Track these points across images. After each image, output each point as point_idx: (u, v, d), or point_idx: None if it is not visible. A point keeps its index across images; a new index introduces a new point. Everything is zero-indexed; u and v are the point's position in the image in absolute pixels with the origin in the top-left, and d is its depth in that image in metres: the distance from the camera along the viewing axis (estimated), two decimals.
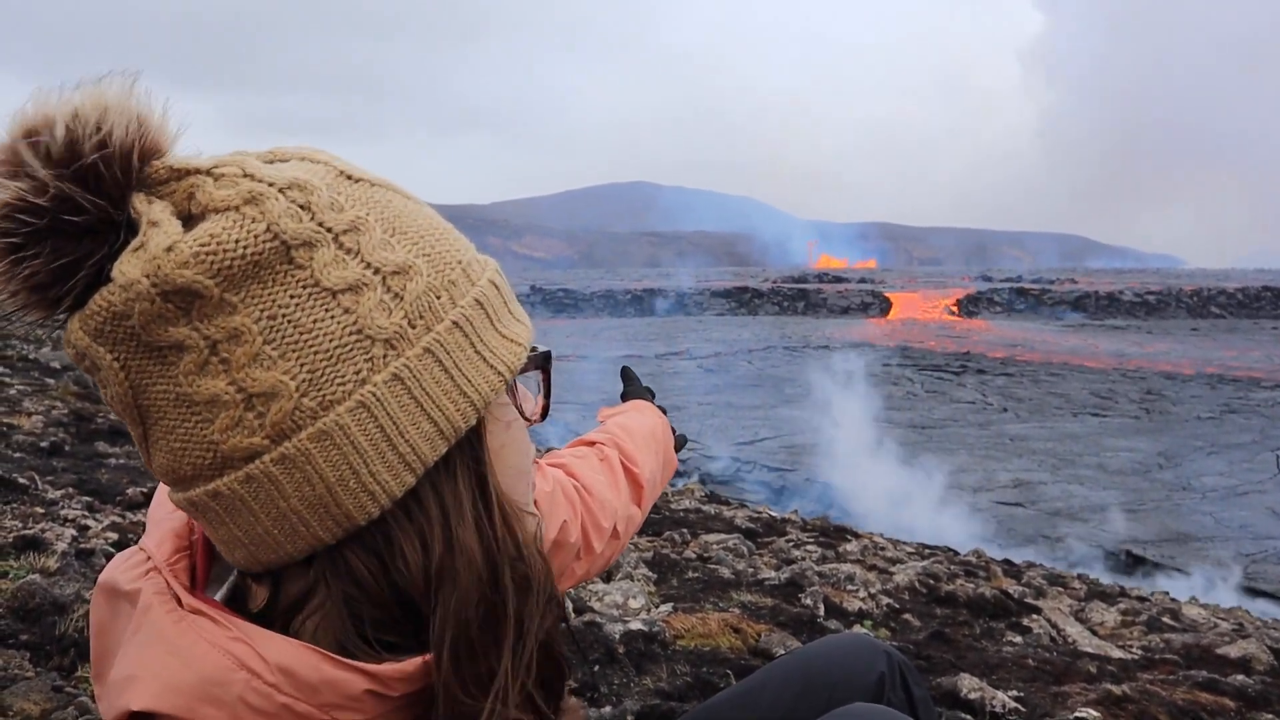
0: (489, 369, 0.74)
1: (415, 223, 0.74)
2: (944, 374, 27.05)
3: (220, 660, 0.65)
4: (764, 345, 34.80)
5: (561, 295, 58.16)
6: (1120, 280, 65.90)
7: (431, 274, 0.72)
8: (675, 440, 1.51)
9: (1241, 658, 3.91)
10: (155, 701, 0.64)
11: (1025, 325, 45.41)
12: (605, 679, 2.60)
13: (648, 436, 1.38)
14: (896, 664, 1.21)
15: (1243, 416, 20.20)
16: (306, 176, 0.69)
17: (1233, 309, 51.35)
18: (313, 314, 0.66)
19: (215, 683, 0.64)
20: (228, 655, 0.65)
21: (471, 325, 0.73)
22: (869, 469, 15.23)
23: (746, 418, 19.58)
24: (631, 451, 1.31)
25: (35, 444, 4.86)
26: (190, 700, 0.64)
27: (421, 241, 0.73)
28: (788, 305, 55.37)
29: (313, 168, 0.71)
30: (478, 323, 0.74)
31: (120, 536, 3.27)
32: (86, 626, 2.20)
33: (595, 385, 24.38)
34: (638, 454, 1.32)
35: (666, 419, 1.50)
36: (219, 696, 0.64)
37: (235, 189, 0.66)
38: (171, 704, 0.64)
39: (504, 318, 0.77)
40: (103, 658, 0.74)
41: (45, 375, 7.57)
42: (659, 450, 1.40)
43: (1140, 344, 36.23)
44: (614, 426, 1.37)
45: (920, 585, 4.70)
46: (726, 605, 3.61)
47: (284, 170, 0.69)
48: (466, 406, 0.71)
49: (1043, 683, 3.10)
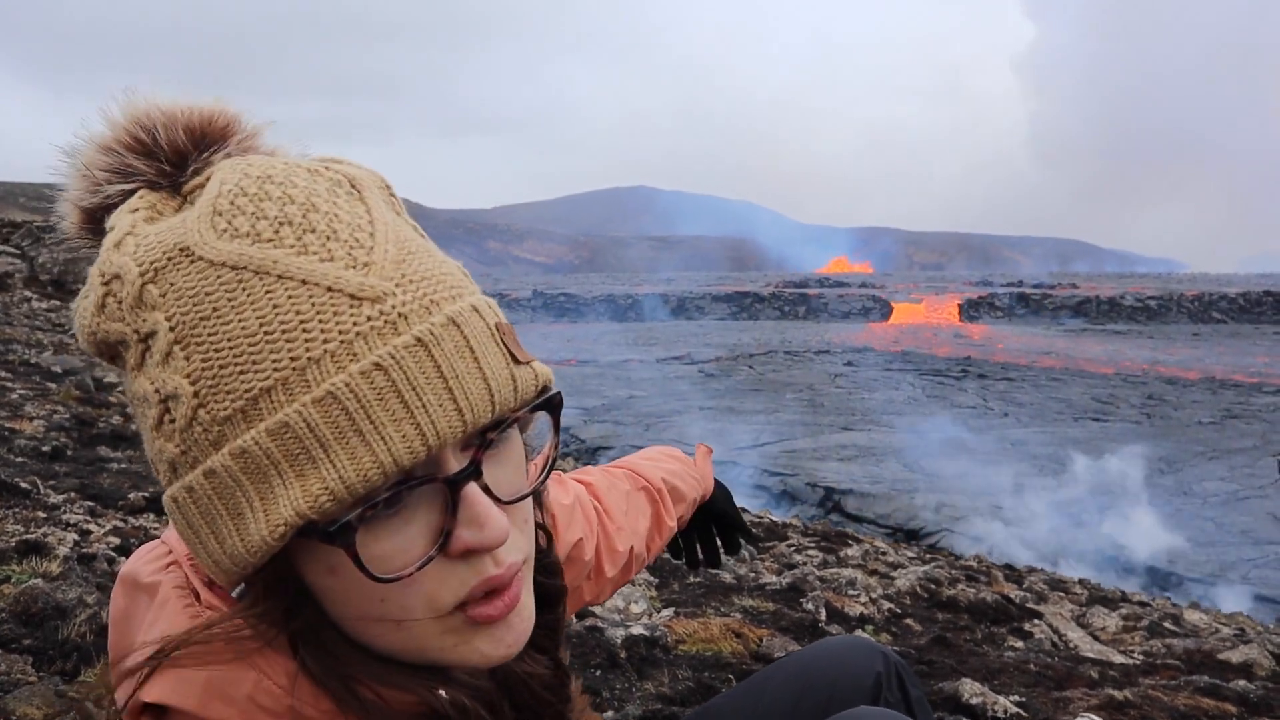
0: (249, 529, 0.62)
1: (226, 328, 0.62)
2: (945, 378, 27.03)
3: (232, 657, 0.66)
4: (765, 349, 34.81)
5: (563, 300, 58.20)
6: (1121, 285, 65.89)
7: (205, 402, 0.62)
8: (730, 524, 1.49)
9: (1243, 663, 3.91)
10: (167, 695, 0.65)
11: (1026, 330, 45.38)
12: (607, 684, 2.60)
13: (690, 505, 1.38)
14: (893, 665, 1.22)
15: (1244, 422, 20.18)
16: (123, 265, 0.65)
17: (1234, 314, 51.35)
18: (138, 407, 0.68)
19: (226, 680, 0.65)
20: (240, 653, 0.66)
21: (231, 477, 0.62)
22: (871, 474, 15.22)
23: (748, 422, 19.58)
24: (673, 505, 1.31)
25: (37, 448, 4.87)
26: (201, 696, 0.65)
27: (215, 357, 0.62)
28: (789, 310, 55.41)
29: (178, 232, 0.66)
30: (242, 473, 0.61)
31: (122, 541, 3.27)
32: (89, 631, 2.21)
33: (595, 389, 24.39)
34: (677, 509, 1.32)
35: (731, 513, 1.49)
36: (229, 694, 0.65)
37: (96, 269, 0.69)
38: (182, 698, 0.65)
39: (305, 463, 0.60)
40: (120, 648, 0.75)
41: (47, 380, 7.58)
42: (686, 517, 1.39)
43: (1141, 349, 36.21)
44: (676, 481, 1.33)
45: (921, 590, 4.70)
46: (728, 610, 3.61)
47: (133, 246, 0.66)
48: (225, 561, 0.64)
49: (1044, 688, 3.10)
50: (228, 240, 0.64)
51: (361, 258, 0.64)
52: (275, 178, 0.68)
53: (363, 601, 0.65)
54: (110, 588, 2.50)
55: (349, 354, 0.61)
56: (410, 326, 0.62)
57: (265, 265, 0.63)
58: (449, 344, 0.63)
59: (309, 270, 0.62)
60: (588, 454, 16.49)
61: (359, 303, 0.62)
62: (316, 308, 0.61)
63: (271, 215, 0.65)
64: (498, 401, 0.65)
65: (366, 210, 0.68)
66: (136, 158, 0.71)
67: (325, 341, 0.61)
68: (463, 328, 0.65)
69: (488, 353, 0.65)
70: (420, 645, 0.67)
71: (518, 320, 52.96)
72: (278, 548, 0.62)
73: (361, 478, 0.60)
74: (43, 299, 14.29)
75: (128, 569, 0.77)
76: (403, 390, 0.61)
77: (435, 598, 0.65)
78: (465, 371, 0.63)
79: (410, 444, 0.60)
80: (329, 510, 0.60)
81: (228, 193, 0.67)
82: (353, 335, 0.61)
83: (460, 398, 0.63)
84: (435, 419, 0.61)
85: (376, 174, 0.75)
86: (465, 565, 0.65)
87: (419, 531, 0.64)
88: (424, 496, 0.64)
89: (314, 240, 0.64)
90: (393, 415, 0.60)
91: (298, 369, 0.61)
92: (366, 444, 0.60)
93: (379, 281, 0.63)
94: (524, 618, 0.71)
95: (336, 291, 0.62)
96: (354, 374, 0.60)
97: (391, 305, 0.63)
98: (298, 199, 0.66)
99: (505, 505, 0.67)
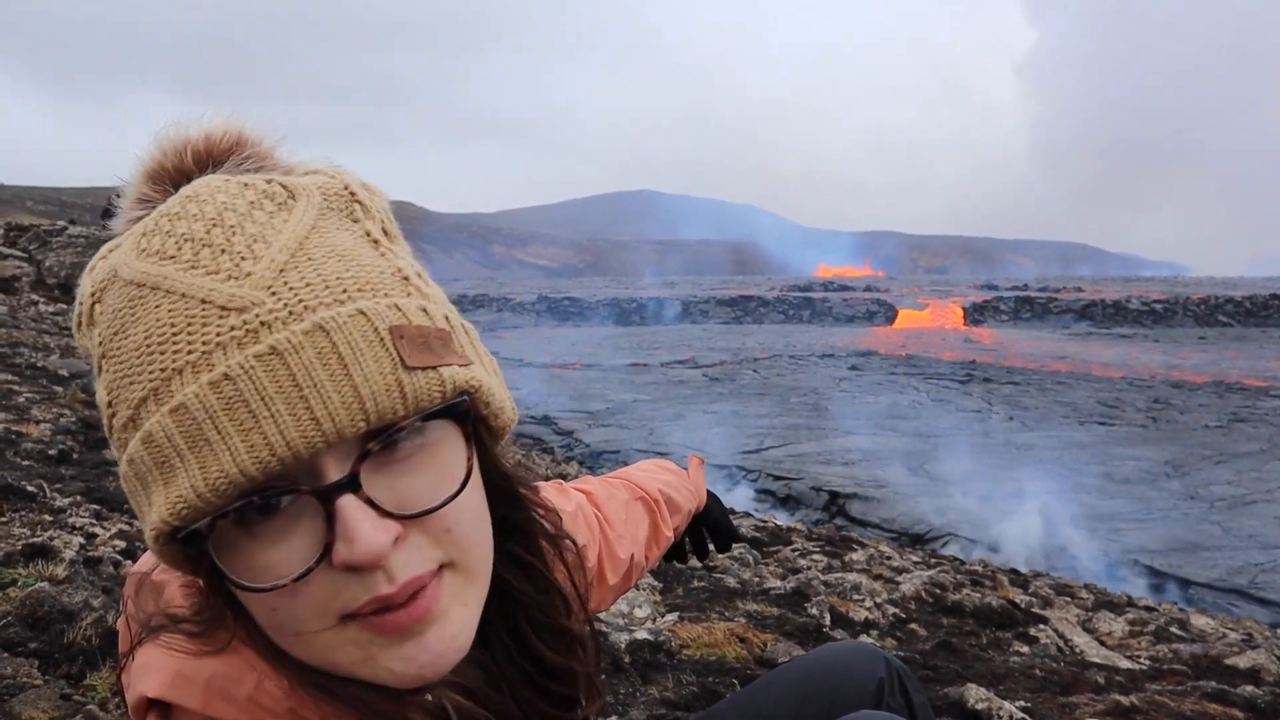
0: (145, 530, 0.66)
1: (126, 342, 0.66)
2: (950, 383, 26.99)
3: (234, 658, 0.67)
4: (769, 354, 34.78)
5: (567, 304, 58.25)
6: (1126, 288, 65.77)
7: (115, 411, 0.67)
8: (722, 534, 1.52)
9: (1251, 668, 3.89)
10: (169, 691, 0.66)
11: (1031, 334, 45.30)
12: (611, 689, 2.59)
13: (685, 516, 1.40)
14: (895, 670, 1.23)
15: (1251, 425, 20.10)
16: (85, 287, 0.72)
17: (1240, 317, 51.18)
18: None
19: (227, 679, 0.66)
20: (240, 653, 0.67)
21: (130, 482, 0.67)
22: (875, 478, 15.19)
23: (752, 426, 19.55)
24: (670, 515, 1.33)
25: (43, 452, 4.88)
26: (203, 694, 0.66)
27: (118, 369, 0.66)
28: (793, 314, 55.37)
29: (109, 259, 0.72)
30: (135, 477, 0.66)
31: (128, 545, 3.28)
32: (95, 634, 2.21)
33: (600, 393, 24.39)
34: (673, 519, 1.34)
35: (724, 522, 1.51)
36: (231, 693, 0.66)
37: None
38: (184, 696, 0.66)
39: (168, 471, 0.62)
40: (129, 646, 0.75)
41: (53, 383, 7.60)
42: (681, 527, 1.41)
43: (1147, 352, 36.11)
44: (671, 492, 1.35)
45: (926, 595, 4.69)
46: (732, 615, 3.61)
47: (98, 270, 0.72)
48: (149, 538, 0.66)
49: (1050, 693, 3.09)
50: (143, 259, 0.67)
51: (245, 268, 0.64)
52: (200, 196, 0.69)
53: (259, 609, 0.65)
54: (116, 591, 2.51)
55: (206, 364, 0.62)
56: (269, 335, 0.62)
57: (158, 281, 0.65)
58: (309, 352, 0.62)
59: (189, 284, 0.64)
60: (592, 458, 16.48)
61: (226, 313, 0.63)
62: (188, 319, 0.63)
63: (179, 233, 0.67)
64: (371, 410, 0.62)
65: (285, 220, 0.68)
66: (151, 185, 0.76)
67: (189, 352, 0.62)
68: (332, 333, 0.62)
69: (363, 359, 0.63)
70: (327, 658, 0.66)
71: (520, 325, 52.99)
72: (163, 551, 0.66)
73: (211, 487, 0.60)
74: (50, 302, 14.34)
75: (137, 567, 0.78)
76: (250, 400, 0.60)
77: (324, 608, 0.63)
78: (326, 379, 0.61)
79: (258, 454, 0.60)
80: (188, 517, 0.61)
81: (156, 214, 0.70)
82: (213, 345, 0.62)
83: (318, 407, 0.61)
84: (285, 429, 0.60)
85: (342, 180, 0.75)
86: (355, 579, 0.63)
87: (302, 542, 0.63)
88: (306, 507, 0.63)
89: (207, 254, 0.65)
90: (240, 425, 0.60)
91: (165, 379, 0.62)
92: (214, 454, 0.60)
93: (251, 291, 0.63)
94: (445, 636, 0.67)
95: (208, 303, 0.63)
96: (203, 385, 0.61)
97: (256, 315, 0.62)
98: (207, 215, 0.67)
99: (405, 518, 0.64)
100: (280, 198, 0.70)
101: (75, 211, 49.12)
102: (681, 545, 1.49)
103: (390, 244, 0.73)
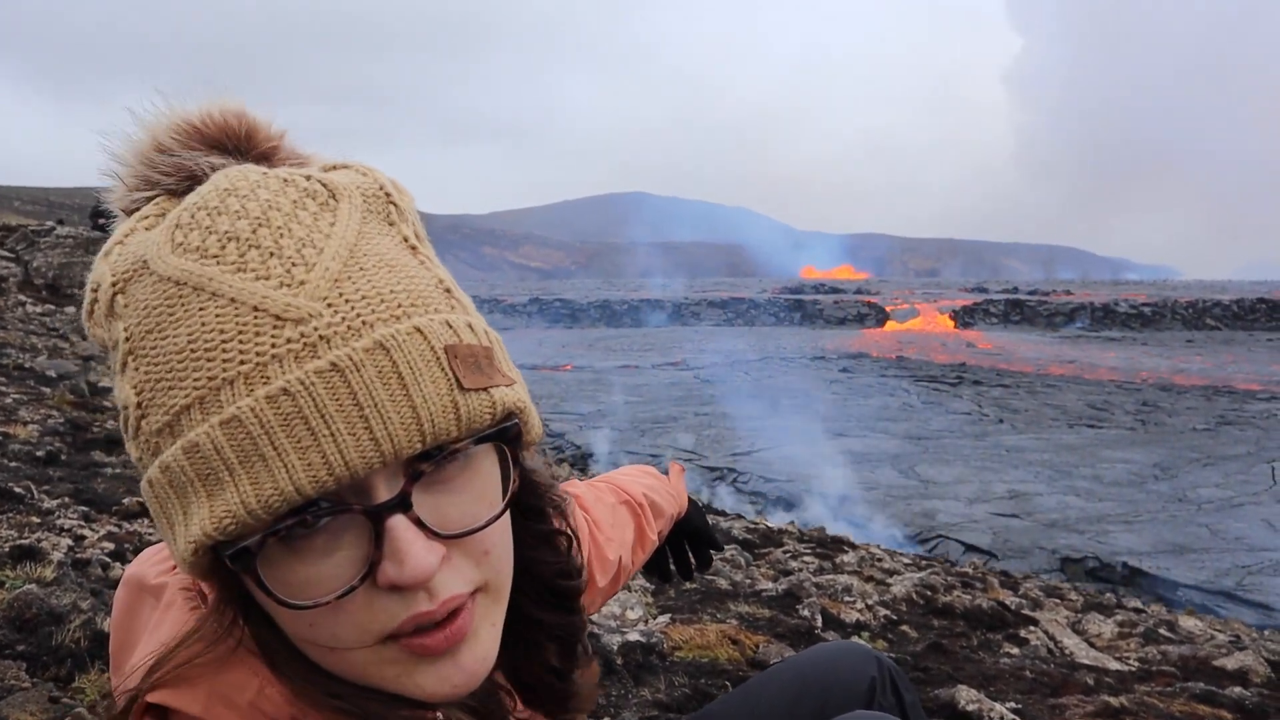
0: (178, 540, 0.63)
1: (164, 343, 0.63)
2: (940, 385, 27.08)
3: (237, 664, 0.67)
4: (761, 356, 34.83)
5: (559, 305, 58.21)
6: (1116, 291, 66.12)
7: (146, 413, 0.64)
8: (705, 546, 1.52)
9: (1239, 670, 3.91)
10: (171, 698, 0.66)
11: (1021, 336, 45.50)
12: (603, 691, 2.59)
13: (669, 520, 1.40)
14: (887, 669, 1.24)
15: (1238, 428, 20.23)
16: (103, 274, 0.68)
17: (1228, 321, 51.54)
18: None
19: (230, 685, 0.66)
20: (244, 660, 0.67)
21: (162, 488, 0.63)
22: (865, 480, 15.23)
23: (743, 428, 19.57)
24: (654, 519, 1.33)
25: (31, 453, 4.85)
26: (206, 701, 0.65)
27: (153, 371, 0.63)
28: (784, 316, 55.47)
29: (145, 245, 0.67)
30: (169, 486, 0.63)
31: (117, 547, 3.26)
32: (84, 637, 2.20)
33: (592, 396, 24.38)
34: (657, 523, 1.35)
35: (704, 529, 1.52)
36: (233, 700, 0.66)
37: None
38: (187, 702, 0.65)
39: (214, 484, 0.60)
40: (122, 650, 0.75)
41: (41, 384, 7.55)
42: (664, 532, 1.41)
43: (1136, 355, 36.31)
44: (655, 496, 1.36)
45: (917, 596, 4.70)
46: (724, 616, 3.61)
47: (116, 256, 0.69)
48: (184, 550, 0.63)
49: (1040, 695, 3.10)
50: (179, 255, 0.64)
51: (299, 275, 0.62)
52: (239, 190, 0.66)
53: (294, 623, 0.64)
54: (104, 593, 2.50)
55: (261, 377, 0.59)
56: (330, 350, 0.60)
57: (203, 282, 0.62)
58: (370, 370, 0.60)
59: (240, 288, 0.62)
60: (582, 460, 16.47)
61: (282, 324, 0.61)
62: (239, 327, 0.60)
63: (222, 230, 0.64)
64: (428, 431, 0.61)
65: (331, 223, 0.66)
66: (155, 168, 0.72)
67: (241, 363, 0.60)
68: (392, 352, 0.61)
69: (422, 379, 0.62)
70: (360, 673, 0.65)
71: (512, 326, 52.93)
72: (198, 563, 0.62)
73: (262, 504, 0.58)
74: (37, 303, 14.25)
75: (133, 570, 0.77)
76: (310, 417, 0.59)
77: (364, 627, 0.63)
78: (386, 399, 0.60)
79: (315, 473, 0.58)
80: (233, 533, 0.60)
81: (192, 205, 0.67)
82: (268, 358, 0.60)
83: (378, 427, 0.60)
84: (344, 448, 0.59)
85: (377, 180, 0.73)
86: (396, 597, 0.62)
87: (346, 559, 0.62)
88: (351, 525, 0.62)
89: (255, 257, 0.63)
90: (297, 443, 0.59)
91: (213, 389, 0.60)
92: (269, 470, 0.59)
93: (307, 302, 0.61)
94: (477, 656, 0.67)
95: (262, 311, 0.61)
96: (259, 399, 0.59)
97: (314, 327, 0.61)
98: (252, 213, 0.65)
99: (450, 539, 0.64)
100: (322, 197, 0.68)
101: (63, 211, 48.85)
102: (664, 559, 1.49)
103: (424, 249, 0.73)
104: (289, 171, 0.70)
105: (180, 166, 0.72)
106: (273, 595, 0.61)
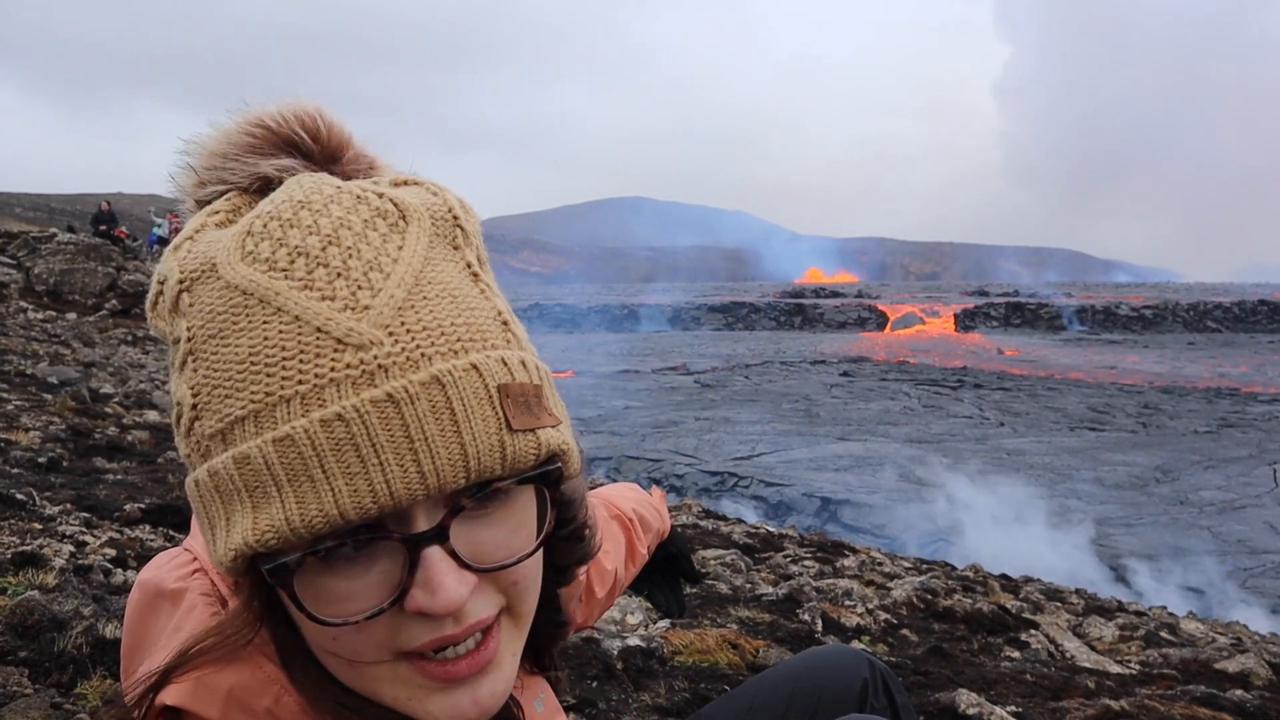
0: (218, 544, 0.64)
1: (225, 350, 0.64)
2: (941, 388, 27.06)
3: (255, 671, 0.68)
4: (761, 360, 34.82)
5: (559, 310, 58.21)
6: (1117, 294, 66.13)
7: (200, 415, 0.64)
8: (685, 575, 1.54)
9: (1240, 672, 3.91)
10: (188, 700, 0.66)
11: (1022, 340, 45.48)
12: (603, 695, 2.59)
13: (655, 535, 1.42)
14: (879, 672, 1.26)
15: (1239, 430, 20.22)
16: (171, 269, 0.69)
17: (1229, 323, 51.51)
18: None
19: (248, 691, 0.67)
20: (261, 666, 0.68)
21: (209, 491, 0.64)
22: (867, 484, 15.22)
23: (743, 433, 19.57)
24: (643, 535, 1.35)
25: (33, 460, 4.85)
26: (223, 705, 0.66)
27: (211, 376, 0.64)
28: (784, 320, 55.46)
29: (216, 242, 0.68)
30: (215, 490, 0.63)
31: (118, 553, 3.26)
32: (86, 643, 2.20)
33: (592, 400, 24.37)
34: (646, 538, 1.37)
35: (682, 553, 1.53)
36: (250, 705, 0.67)
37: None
38: (205, 706, 0.66)
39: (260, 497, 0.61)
40: (134, 653, 0.75)
41: (43, 391, 7.56)
42: (652, 546, 1.43)
43: (1137, 358, 36.30)
44: (643, 511, 1.38)
45: (918, 600, 4.70)
46: (724, 621, 3.61)
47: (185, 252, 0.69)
48: (224, 555, 0.64)
49: (1041, 698, 3.10)
50: (248, 264, 0.65)
51: (364, 300, 0.63)
52: (313, 204, 0.67)
53: (318, 634, 0.65)
54: (106, 600, 2.50)
55: (318, 399, 0.60)
56: (387, 380, 0.61)
57: (269, 295, 0.63)
58: (424, 404, 0.61)
59: (305, 307, 0.62)
60: (584, 465, 16.44)
61: (342, 348, 0.61)
62: (301, 346, 0.61)
63: (292, 244, 0.65)
64: (474, 468, 0.62)
65: (399, 246, 0.67)
66: (227, 161, 0.74)
67: (300, 383, 0.61)
68: (448, 388, 0.62)
69: (473, 416, 0.63)
70: (374, 690, 0.67)
71: None
72: (235, 567, 0.63)
73: (306, 524, 0.60)
74: (39, 309, 14.26)
75: (149, 575, 0.77)
76: (361, 445, 0.60)
77: (385, 646, 0.65)
78: (437, 434, 0.61)
79: (359, 499, 0.60)
80: (274, 546, 0.61)
81: (265, 214, 0.68)
82: (326, 380, 0.61)
83: (425, 460, 0.61)
84: (391, 479, 0.60)
85: (446, 202, 0.73)
86: (422, 621, 0.64)
87: (378, 582, 0.63)
88: (387, 549, 0.63)
89: (322, 275, 0.64)
90: (346, 468, 0.60)
91: (270, 404, 0.61)
92: (316, 492, 0.60)
93: (369, 329, 0.62)
94: (495, 690, 0.68)
95: (324, 333, 0.62)
96: (314, 421, 0.60)
97: (374, 355, 0.61)
98: (323, 229, 0.66)
99: (485, 572, 0.66)
100: (392, 218, 0.68)
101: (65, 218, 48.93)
102: (650, 579, 1.50)
103: (486, 275, 0.73)
104: (362, 186, 0.70)
105: (250, 165, 0.73)
106: (304, 609, 0.63)
